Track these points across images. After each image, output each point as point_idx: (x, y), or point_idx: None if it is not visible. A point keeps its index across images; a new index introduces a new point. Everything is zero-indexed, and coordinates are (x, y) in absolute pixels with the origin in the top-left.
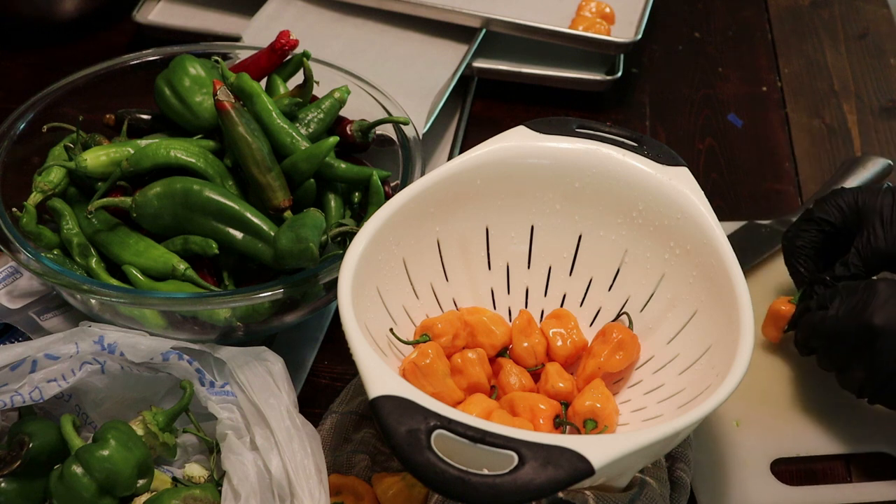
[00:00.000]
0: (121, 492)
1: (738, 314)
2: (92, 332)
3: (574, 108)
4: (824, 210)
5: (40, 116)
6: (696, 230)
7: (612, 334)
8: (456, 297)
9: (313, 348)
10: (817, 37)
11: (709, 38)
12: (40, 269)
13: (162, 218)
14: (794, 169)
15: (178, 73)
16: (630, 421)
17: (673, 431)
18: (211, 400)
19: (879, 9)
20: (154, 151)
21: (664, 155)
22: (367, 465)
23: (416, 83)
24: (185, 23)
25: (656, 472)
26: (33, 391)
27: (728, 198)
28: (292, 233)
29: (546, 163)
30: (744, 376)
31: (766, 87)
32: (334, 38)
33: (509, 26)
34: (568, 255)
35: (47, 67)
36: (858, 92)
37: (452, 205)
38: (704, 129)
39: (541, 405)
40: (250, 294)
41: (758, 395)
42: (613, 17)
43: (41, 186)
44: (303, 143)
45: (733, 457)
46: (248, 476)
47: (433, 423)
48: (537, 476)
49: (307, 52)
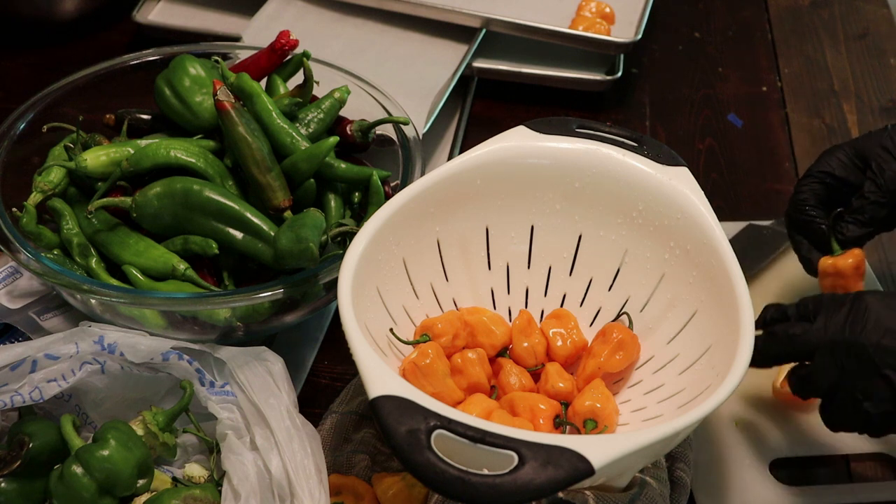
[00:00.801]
0: (121, 492)
1: (738, 314)
2: (92, 332)
3: (574, 108)
4: (823, 163)
5: (40, 116)
6: (696, 230)
7: (612, 334)
8: (456, 297)
9: (313, 348)
10: (817, 37)
11: (709, 38)
12: (40, 269)
13: (162, 218)
14: (794, 169)
15: (178, 73)
16: (630, 421)
17: (673, 431)
18: (211, 400)
19: (879, 9)
20: (154, 151)
21: (664, 155)
22: (367, 465)
23: (416, 83)
24: (185, 23)
25: (656, 472)
26: (33, 391)
27: (728, 198)
28: (292, 233)
29: (546, 163)
30: (744, 376)
31: (766, 87)
32: (334, 38)
33: (509, 26)
34: (568, 255)
35: (47, 67)
36: (858, 92)
37: (452, 205)
38: (704, 129)
39: (541, 405)
40: (250, 294)
41: (758, 395)
42: (613, 17)
43: (41, 186)
44: (303, 143)
45: (732, 457)
46: (248, 476)
47: (433, 423)
48: (537, 476)
49: (307, 52)
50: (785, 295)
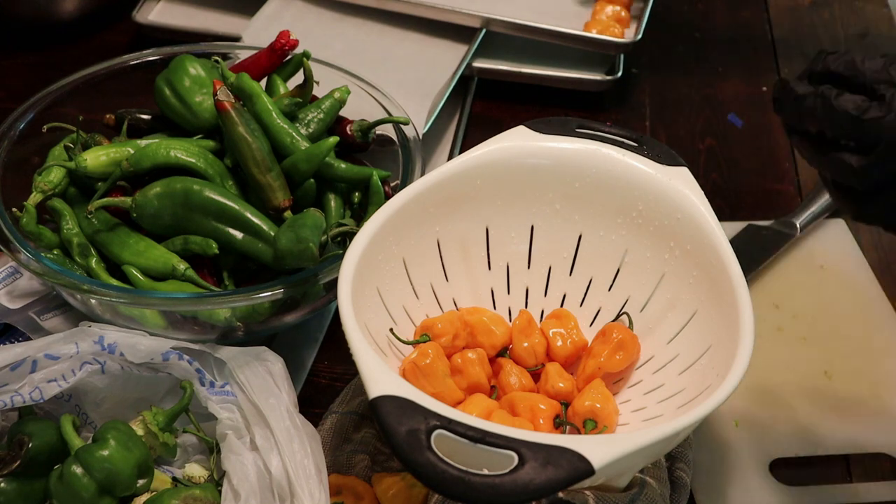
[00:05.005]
0: (121, 492)
1: (738, 314)
2: (92, 332)
3: (574, 108)
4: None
5: (40, 116)
6: (696, 230)
7: (613, 334)
8: (456, 297)
9: (313, 348)
10: (817, 37)
11: (709, 38)
12: (40, 269)
13: (162, 218)
14: (794, 169)
15: (178, 73)
16: (630, 421)
17: (673, 431)
18: (211, 400)
19: (879, 9)
20: (154, 151)
21: (664, 155)
22: (367, 465)
23: (416, 83)
24: (185, 23)
25: (656, 472)
26: (33, 391)
27: (728, 198)
28: (292, 233)
29: (546, 163)
30: (744, 376)
31: (766, 87)
32: (334, 39)
33: (509, 26)
34: (568, 255)
35: (47, 67)
36: None
37: (452, 205)
38: (704, 129)
39: (541, 405)
40: (250, 294)
41: (757, 395)
42: (629, 21)
43: (41, 186)
44: (303, 143)
45: (732, 457)
46: (248, 476)
47: (433, 424)
48: (537, 476)
49: (307, 52)
50: (785, 295)
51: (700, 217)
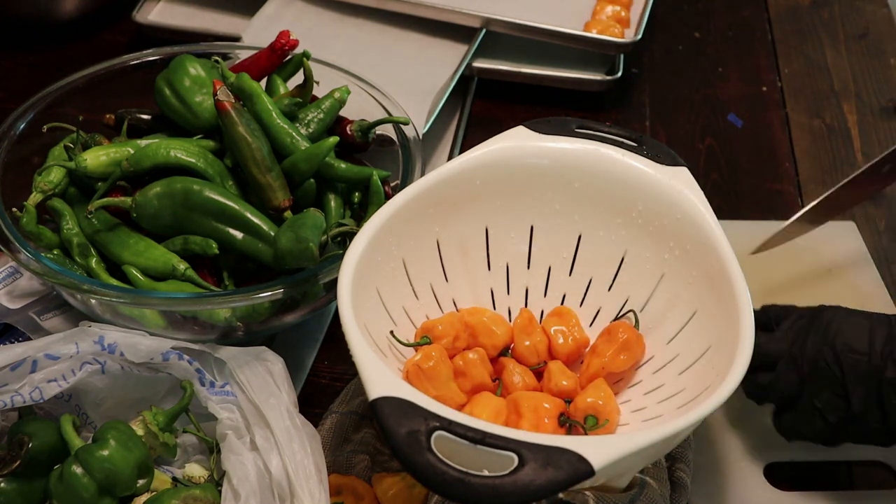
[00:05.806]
0: (121, 492)
1: (738, 314)
2: (92, 332)
3: (574, 108)
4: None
5: (40, 116)
6: (696, 230)
7: (619, 334)
8: (456, 297)
9: (313, 348)
10: (817, 37)
11: (709, 38)
12: (40, 269)
13: (162, 218)
14: (794, 169)
15: (178, 73)
16: (630, 421)
17: (673, 432)
18: (211, 400)
19: (879, 9)
20: (154, 151)
21: (664, 155)
22: (367, 465)
23: (416, 83)
24: (185, 23)
25: (656, 473)
26: (33, 391)
27: (728, 198)
28: (292, 233)
29: (546, 163)
30: (743, 376)
31: (766, 87)
32: (334, 39)
33: (509, 26)
34: (568, 255)
35: (47, 67)
36: (858, 92)
37: (452, 205)
38: (704, 129)
39: (545, 404)
40: (250, 294)
41: None
42: (629, 21)
43: (41, 186)
44: (303, 143)
45: (727, 460)
46: (248, 476)
47: (433, 425)
48: (537, 477)
49: (307, 52)
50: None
51: (700, 217)
